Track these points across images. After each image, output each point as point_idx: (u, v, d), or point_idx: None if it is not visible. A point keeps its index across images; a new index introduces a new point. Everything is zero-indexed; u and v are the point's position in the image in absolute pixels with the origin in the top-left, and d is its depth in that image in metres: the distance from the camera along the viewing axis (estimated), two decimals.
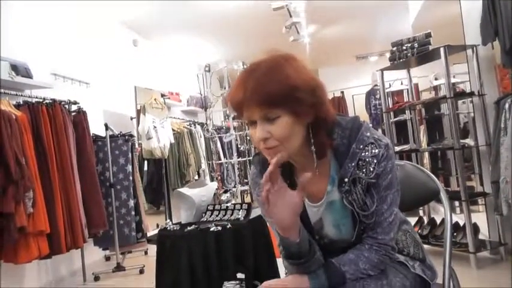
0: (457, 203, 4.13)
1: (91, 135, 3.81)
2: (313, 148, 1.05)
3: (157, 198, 5.59)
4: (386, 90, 4.44)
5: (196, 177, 5.76)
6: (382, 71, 4.10)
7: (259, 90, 0.97)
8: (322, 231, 1.14)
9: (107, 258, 4.52)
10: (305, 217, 1.11)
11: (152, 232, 4.62)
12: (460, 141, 3.29)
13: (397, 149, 4.03)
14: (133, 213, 4.18)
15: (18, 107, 3.14)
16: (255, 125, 1.01)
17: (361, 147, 1.05)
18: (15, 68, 3.30)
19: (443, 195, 1.38)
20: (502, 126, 2.76)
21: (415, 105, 4.05)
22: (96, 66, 4.72)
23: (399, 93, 6.43)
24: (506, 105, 2.71)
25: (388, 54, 3.99)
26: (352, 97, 8.92)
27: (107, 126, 4.10)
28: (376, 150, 1.05)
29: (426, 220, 3.86)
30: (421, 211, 4.29)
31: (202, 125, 6.13)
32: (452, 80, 3.68)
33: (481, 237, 3.38)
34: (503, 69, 3.07)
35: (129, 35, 5.80)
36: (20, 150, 2.85)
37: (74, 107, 3.74)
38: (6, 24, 3.44)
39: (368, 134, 1.06)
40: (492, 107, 3.02)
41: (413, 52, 3.57)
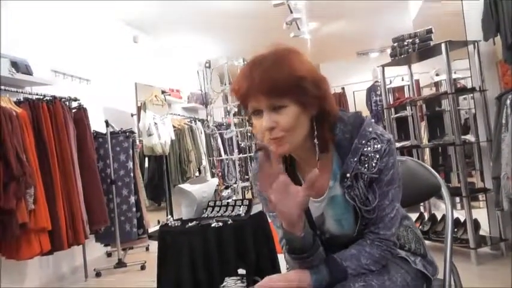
0: (458, 199, 4.12)
1: (92, 132, 3.81)
2: (316, 141, 1.05)
3: (158, 195, 5.61)
4: (387, 87, 4.44)
5: (197, 173, 5.77)
6: (383, 67, 4.09)
7: (267, 78, 0.97)
8: (324, 227, 1.14)
9: (109, 254, 4.53)
10: (307, 212, 1.11)
11: (153, 228, 4.63)
12: (461, 137, 3.29)
13: (398, 145, 4.02)
14: (134, 209, 4.18)
15: (18, 103, 3.15)
16: (260, 115, 1.01)
17: (364, 142, 1.05)
18: (15, 64, 3.30)
19: (445, 190, 1.38)
20: (503, 122, 2.75)
21: (416, 101, 4.04)
22: (96, 62, 4.71)
23: (400, 89, 6.42)
24: (508, 101, 2.70)
25: (389, 50, 3.99)
26: (353, 93, 8.90)
27: (107, 123, 4.10)
28: (379, 146, 1.05)
29: (427, 216, 3.87)
30: (421, 207, 4.29)
31: (202, 121, 6.13)
32: (454, 75, 3.67)
33: (481, 233, 3.38)
34: (505, 65, 3.06)
35: (130, 31, 5.79)
36: (20, 147, 2.85)
37: (74, 104, 3.73)
38: (6, 21, 3.43)
39: (370, 129, 1.06)
40: (493, 103, 3.01)
41: (414, 48, 3.56)
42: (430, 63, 4.38)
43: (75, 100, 3.74)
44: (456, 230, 3.33)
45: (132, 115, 5.42)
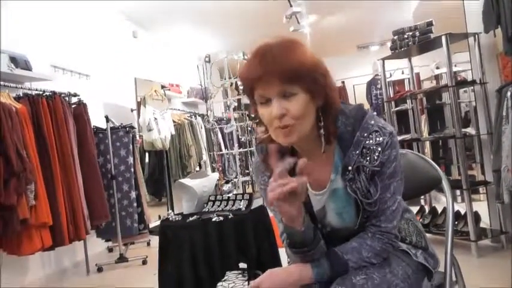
0: (459, 192, 4.13)
1: (92, 127, 3.81)
2: (322, 132, 1.04)
3: (159, 190, 5.61)
4: (387, 80, 4.42)
5: (197, 168, 5.78)
6: (383, 60, 4.08)
7: (282, 63, 0.96)
8: (325, 220, 1.14)
9: (110, 249, 4.54)
10: (308, 206, 1.11)
11: (154, 224, 4.64)
12: (462, 130, 3.28)
13: (398, 138, 4.01)
14: (135, 204, 4.19)
15: (18, 99, 3.13)
16: (268, 103, 1.00)
17: (365, 135, 1.05)
18: (14, 60, 3.28)
19: (445, 183, 1.38)
20: (503, 114, 2.74)
21: (416, 95, 4.03)
22: (96, 58, 4.69)
23: (400, 82, 6.42)
24: (508, 94, 2.69)
25: (389, 43, 3.97)
26: (353, 87, 8.90)
27: (107, 118, 4.09)
28: (381, 138, 1.04)
29: (428, 209, 3.87)
30: (422, 200, 4.29)
31: (203, 116, 6.13)
32: (454, 68, 3.66)
33: (482, 225, 3.38)
34: (505, 57, 3.05)
35: (129, 26, 5.77)
36: (20, 143, 2.85)
37: (74, 99, 3.72)
38: (5, 17, 3.42)
39: (372, 122, 1.06)
40: (494, 96, 3.00)
41: (414, 41, 3.55)
42: (430, 56, 4.37)
43: (75, 95, 3.73)
44: (457, 222, 3.34)
45: (132, 110, 5.41)
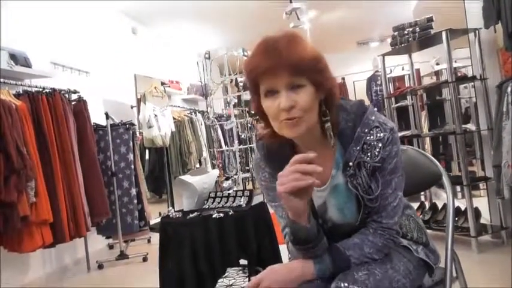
0: (459, 188, 4.13)
1: (92, 124, 3.80)
2: (329, 125, 1.04)
3: (159, 187, 5.61)
4: (387, 76, 4.41)
5: (197, 165, 5.78)
6: (383, 56, 4.07)
7: (292, 54, 0.96)
8: (326, 216, 1.14)
9: (110, 246, 4.55)
10: (309, 201, 1.11)
11: (155, 220, 4.64)
12: (462, 126, 3.28)
13: (398, 134, 4.01)
14: (135, 201, 4.19)
15: (18, 96, 3.13)
16: (274, 96, 0.99)
17: (366, 130, 1.05)
18: (14, 57, 3.28)
19: (446, 179, 1.38)
20: (504, 110, 2.74)
21: (417, 91, 4.03)
22: (95, 54, 4.69)
23: (400, 78, 6.40)
24: (509, 89, 2.69)
25: (389, 39, 3.96)
26: (353, 83, 8.88)
27: (107, 115, 4.09)
28: (382, 134, 1.04)
29: (428, 205, 3.87)
30: (422, 196, 4.30)
31: (203, 113, 6.12)
32: (454, 64, 3.65)
33: (482, 221, 3.38)
34: (506, 53, 3.04)
35: (128, 23, 5.76)
36: (21, 140, 2.85)
37: (74, 96, 3.72)
38: (4, 14, 3.41)
39: (373, 117, 1.06)
40: (494, 91, 3.00)
41: (414, 36, 3.54)
42: (430, 52, 4.36)
43: (75, 92, 3.73)
44: (457, 218, 3.34)
45: (131, 107, 5.41)
